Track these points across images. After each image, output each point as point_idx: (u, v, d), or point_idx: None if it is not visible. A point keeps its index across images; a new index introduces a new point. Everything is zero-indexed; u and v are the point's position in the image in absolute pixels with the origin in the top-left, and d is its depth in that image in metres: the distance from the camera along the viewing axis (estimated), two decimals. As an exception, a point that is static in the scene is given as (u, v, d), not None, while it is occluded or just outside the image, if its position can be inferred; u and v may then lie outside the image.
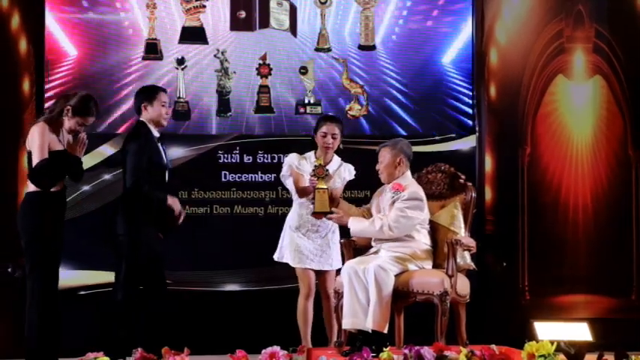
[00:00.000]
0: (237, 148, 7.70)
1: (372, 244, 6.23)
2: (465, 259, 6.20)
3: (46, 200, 5.90)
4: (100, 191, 7.48)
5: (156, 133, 6.15)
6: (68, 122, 5.92)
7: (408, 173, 6.26)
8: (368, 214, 6.28)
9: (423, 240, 6.19)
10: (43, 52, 7.51)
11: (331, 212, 6.10)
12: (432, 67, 7.94)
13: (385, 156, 6.21)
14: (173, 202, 6.12)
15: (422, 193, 6.18)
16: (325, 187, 6.10)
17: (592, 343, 6.84)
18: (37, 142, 5.81)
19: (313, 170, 6.18)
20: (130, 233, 6.01)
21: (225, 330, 7.32)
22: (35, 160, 5.82)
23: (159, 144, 6.16)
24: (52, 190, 5.90)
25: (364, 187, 6.65)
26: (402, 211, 6.05)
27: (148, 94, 6.22)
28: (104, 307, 6.42)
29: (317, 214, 6.17)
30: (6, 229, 7.41)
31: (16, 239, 7.38)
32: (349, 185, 7.31)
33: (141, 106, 6.18)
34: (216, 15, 7.74)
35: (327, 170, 6.18)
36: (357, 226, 6.10)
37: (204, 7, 7.71)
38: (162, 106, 6.16)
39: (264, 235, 7.11)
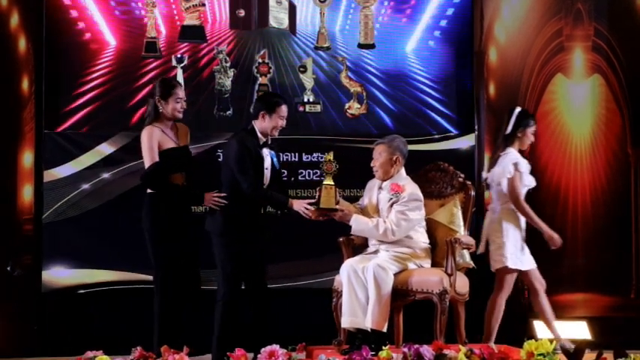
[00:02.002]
0: (237, 146, 7.69)
1: (370, 243, 6.23)
2: (464, 257, 6.21)
3: (166, 199, 6.01)
4: (99, 190, 7.49)
5: (262, 138, 6.05)
6: (168, 107, 6.07)
7: (403, 171, 6.26)
8: (361, 211, 6.27)
9: (422, 239, 6.19)
10: (42, 50, 7.51)
11: (336, 209, 6.08)
12: (432, 65, 7.94)
13: (381, 154, 6.20)
14: (299, 206, 6.02)
15: (419, 193, 6.17)
16: (332, 183, 6.08)
17: (591, 342, 6.85)
18: (146, 146, 6.01)
19: (322, 165, 6.14)
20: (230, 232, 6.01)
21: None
22: (146, 164, 6.01)
23: (263, 150, 6.06)
24: (171, 187, 6.02)
25: (364, 186, 6.63)
26: (404, 214, 6.05)
27: (271, 106, 6.06)
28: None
29: (322, 211, 6.12)
30: (5, 227, 7.43)
31: (17, 237, 7.44)
32: (348, 184, 7.33)
33: (259, 114, 6.07)
34: (216, 13, 7.76)
35: (337, 166, 6.14)
36: (360, 225, 6.09)
37: (204, 5, 7.71)
38: (280, 118, 6.06)
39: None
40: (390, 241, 6.07)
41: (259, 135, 6.06)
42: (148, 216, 6.07)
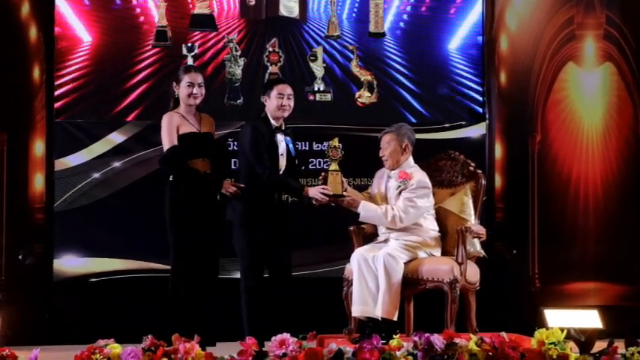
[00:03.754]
0: (247, 135, 7.67)
1: (380, 232, 6.23)
2: (474, 246, 6.20)
3: (186, 186, 6.03)
4: (110, 179, 7.50)
5: (273, 123, 6.09)
6: (181, 92, 6.13)
7: (411, 159, 6.25)
8: (369, 199, 6.27)
9: (431, 227, 6.19)
10: (53, 39, 7.52)
11: (343, 195, 6.07)
12: (442, 54, 7.92)
13: (390, 143, 6.19)
14: (314, 192, 6.02)
15: (428, 180, 6.17)
16: (338, 169, 6.07)
17: (602, 331, 6.81)
18: (165, 130, 6.08)
19: (327, 151, 6.14)
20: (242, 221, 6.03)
21: (235, 317, 7.32)
22: (165, 148, 6.07)
23: (278, 135, 6.07)
24: (190, 171, 6.02)
25: (373, 175, 6.62)
26: (411, 200, 6.05)
27: (267, 85, 6.23)
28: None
29: (329, 197, 6.09)
30: (17, 216, 7.44)
31: (28, 225, 7.46)
32: (358, 173, 7.32)
33: (263, 99, 6.17)
34: (226, 2, 7.76)
35: (342, 152, 6.14)
36: (368, 213, 6.08)
37: (214, -6, 7.72)
38: (279, 98, 6.08)
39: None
40: (398, 229, 6.06)
41: (271, 120, 6.07)
42: (168, 203, 6.08)
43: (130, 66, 7.63)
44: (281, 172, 6.08)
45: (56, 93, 7.45)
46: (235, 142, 7.49)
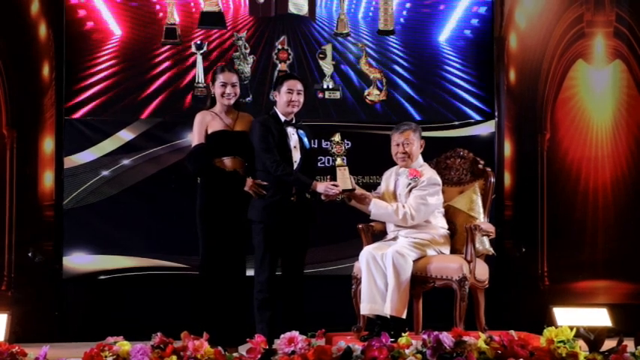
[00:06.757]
0: (256, 133, 7.68)
1: (389, 230, 6.22)
2: (483, 244, 6.19)
3: (215, 185, 6.03)
4: (120, 176, 7.51)
5: (282, 118, 6.08)
6: (215, 91, 6.14)
7: (420, 157, 6.25)
8: (379, 198, 6.25)
9: (440, 224, 6.17)
10: (62, 37, 7.53)
11: (352, 190, 6.05)
12: (451, 51, 7.92)
13: (412, 139, 6.14)
14: (323, 188, 5.96)
15: (438, 178, 6.16)
16: (345, 164, 6.05)
17: (611, 329, 6.82)
18: (194, 129, 6.15)
19: (331, 147, 6.13)
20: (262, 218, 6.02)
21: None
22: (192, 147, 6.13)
23: (288, 128, 6.06)
24: (215, 169, 6.03)
25: (382, 173, 6.62)
26: (423, 198, 6.03)
27: (278, 81, 6.22)
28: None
29: (341, 192, 6.07)
30: (26, 213, 7.46)
31: (38, 223, 7.47)
32: (367, 170, 7.31)
33: (273, 95, 6.18)
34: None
35: (346, 146, 6.11)
36: (379, 210, 6.06)
37: (224, -9, 7.73)
38: (289, 93, 6.05)
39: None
40: (408, 227, 6.06)
41: (280, 115, 6.07)
42: (198, 200, 6.09)
43: (140, 63, 7.65)
44: (295, 166, 6.06)
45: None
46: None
